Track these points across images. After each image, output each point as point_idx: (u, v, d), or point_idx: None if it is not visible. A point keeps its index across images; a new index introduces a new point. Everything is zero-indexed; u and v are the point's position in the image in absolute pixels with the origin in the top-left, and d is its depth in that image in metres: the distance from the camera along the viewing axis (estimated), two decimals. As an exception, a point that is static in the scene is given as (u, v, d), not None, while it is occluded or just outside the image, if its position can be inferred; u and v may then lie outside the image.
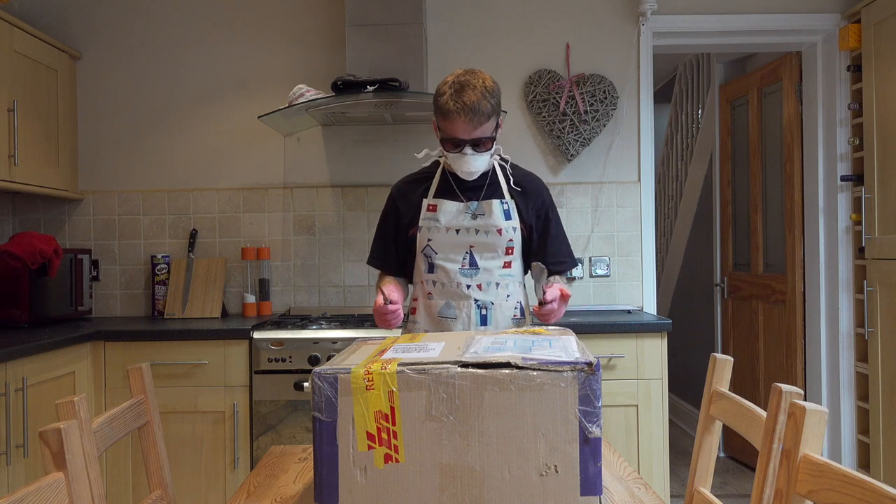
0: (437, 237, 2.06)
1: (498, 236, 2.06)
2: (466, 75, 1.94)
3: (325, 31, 3.53)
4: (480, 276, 2.06)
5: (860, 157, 3.37)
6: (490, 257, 2.07)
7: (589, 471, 1.10)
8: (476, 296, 2.06)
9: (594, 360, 1.11)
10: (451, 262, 2.06)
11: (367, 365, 1.14)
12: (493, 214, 2.06)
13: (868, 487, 0.93)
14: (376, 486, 1.12)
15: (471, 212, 2.06)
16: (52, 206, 3.52)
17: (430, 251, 2.08)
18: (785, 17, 3.49)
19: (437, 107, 1.95)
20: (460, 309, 2.06)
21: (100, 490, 1.28)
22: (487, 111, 1.92)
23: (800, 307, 3.74)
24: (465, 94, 1.90)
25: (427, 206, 2.09)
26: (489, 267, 2.07)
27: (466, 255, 2.06)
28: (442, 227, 2.06)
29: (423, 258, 2.10)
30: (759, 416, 1.39)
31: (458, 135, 1.95)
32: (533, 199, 2.14)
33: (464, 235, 2.06)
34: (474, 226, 2.05)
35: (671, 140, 5.64)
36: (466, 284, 2.05)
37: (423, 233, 2.08)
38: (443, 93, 1.93)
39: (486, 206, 2.06)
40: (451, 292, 2.06)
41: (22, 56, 3.04)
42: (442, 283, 2.07)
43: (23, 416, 2.46)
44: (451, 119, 1.92)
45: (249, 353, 2.88)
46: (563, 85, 3.45)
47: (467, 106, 1.89)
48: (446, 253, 2.06)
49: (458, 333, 1.51)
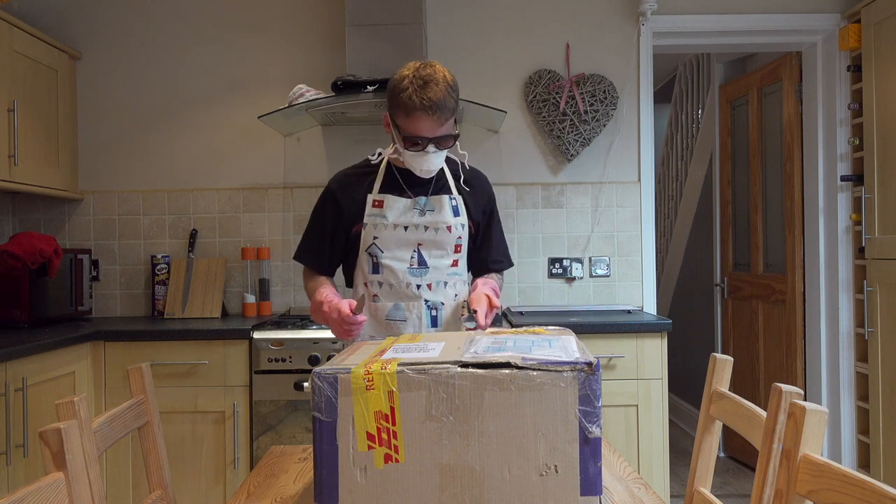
0: (383, 235, 1.94)
1: (447, 233, 1.97)
2: (426, 68, 1.83)
3: (325, 31, 3.53)
4: (430, 275, 1.97)
5: (860, 157, 3.37)
6: (439, 255, 1.98)
7: (589, 471, 1.10)
8: (426, 296, 1.96)
9: (594, 359, 1.11)
10: (398, 262, 1.95)
11: (366, 365, 1.14)
12: (443, 211, 1.97)
13: (868, 487, 0.93)
14: (376, 486, 1.12)
15: (419, 208, 1.96)
16: (52, 206, 3.52)
17: (375, 250, 1.96)
18: (785, 17, 3.49)
19: (399, 103, 1.82)
20: (410, 310, 1.96)
21: (100, 490, 1.28)
22: (451, 107, 1.83)
23: (800, 307, 3.74)
24: (429, 89, 1.79)
25: (372, 201, 1.97)
26: (438, 266, 1.98)
27: (415, 253, 1.96)
28: (389, 224, 1.94)
29: (367, 258, 1.98)
30: (759, 416, 1.39)
31: (421, 133, 1.83)
32: (480, 195, 2.07)
33: (412, 233, 1.95)
34: (423, 223, 1.95)
35: (671, 140, 5.64)
36: (416, 284, 1.95)
37: (369, 230, 1.96)
38: (403, 88, 1.80)
39: (435, 202, 1.97)
40: (399, 293, 1.96)
41: (22, 56, 3.04)
42: (389, 283, 1.96)
43: (23, 416, 2.46)
44: (414, 117, 1.81)
45: (249, 353, 2.88)
46: (563, 85, 3.45)
47: (434, 103, 1.78)
48: (393, 251, 1.95)
49: (458, 333, 1.50)
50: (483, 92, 3.48)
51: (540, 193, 3.52)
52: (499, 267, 2.13)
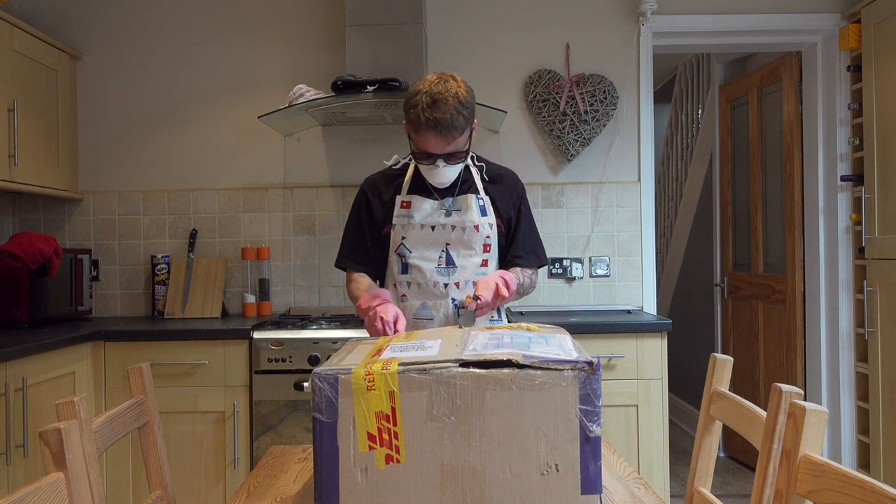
0: (411, 235, 1.98)
1: (475, 232, 1.99)
2: (439, 84, 1.83)
3: (325, 31, 3.53)
4: (458, 274, 1.98)
5: (860, 157, 3.37)
6: (467, 255, 1.99)
7: (589, 469, 1.10)
8: (454, 294, 1.98)
9: (594, 359, 1.11)
10: (426, 261, 1.98)
11: (367, 365, 1.14)
12: (470, 210, 1.99)
13: (868, 487, 0.93)
14: (377, 487, 1.11)
15: (446, 208, 1.99)
16: (52, 206, 3.52)
17: (404, 250, 1.99)
18: (785, 17, 3.49)
19: (409, 119, 1.86)
20: (437, 309, 1.98)
21: (100, 490, 1.28)
22: (461, 125, 1.84)
23: (800, 307, 3.74)
24: (438, 108, 1.80)
25: (400, 202, 2.00)
26: (467, 265, 1.99)
27: (443, 252, 1.98)
28: (417, 225, 1.98)
29: (396, 258, 2.01)
30: (759, 416, 1.39)
31: (429, 150, 1.87)
32: (509, 192, 2.09)
33: (439, 233, 1.98)
34: (450, 222, 1.98)
35: (671, 140, 5.64)
36: (444, 283, 1.97)
37: (397, 231, 1.99)
38: (415, 104, 1.83)
39: (461, 202, 1.99)
40: (427, 292, 1.98)
41: (22, 56, 3.04)
42: (417, 283, 1.98)
43: (23, 416, 2.46)
44: (422, 133, 1.84)
45: (249, 353, 2.88)
46: (563, 85, 3.45)
47: (440, 122, 1.80)
48: (421, 251, 1.98)
49: (453, 330, 1.50)
50: (483, 92, 3.47)
51: (540, 193, 3.52)
52: (521, 262, 2.11)
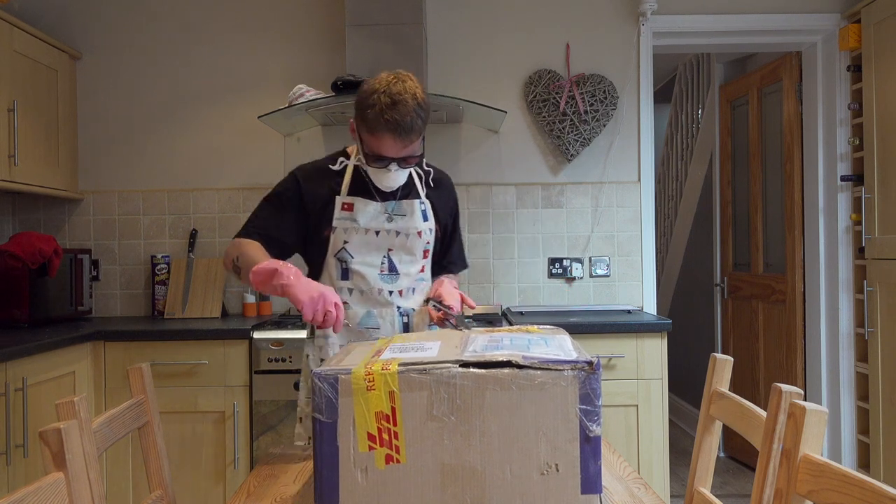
0: (354, 239, 1.86)
1: (417, 239, 1.91)
2: (397, 84, 1.72)
3: (325, 31, 3.53)
4: (401, 281, 1.91)
5: (860, 157, 3.37)
6: (409, 261, 1.92)
7: (589, 469, 1.10)
8: (398, 303, 1.91)
9: (594, 358, 1.11)
10: (369, 267, 1.88)
11: (367, 365, 1.14)
12: (414, 216, 1.91)
13: (868, 487, 0.93)
14: (377, 487, 1.11)
15: (389, 213, 1.89)
16: (52, 206, 3.52)
17: (345, 255, 1.87)
18: (785, 17, 3.49)
19: (364, 119, 1.74)
20: (383, 318, 1.89)
21: (100, 490, 1.28)
22: (419, 128, 1.74)
23: (800, 307, 3.74)
24: (397, 110, 1.69)
25: (341, 204, 1.87)
26: (408, 272, 1.92)
27: (385, 259, 1.89)
28: (361, 229, 1.86)
29: (335, 262, 1.88)
30: (759, 416, 1.40)
31: (384, 153, 1.76)
32: (446, 198, 2.03)
33: (383, 238, 1.88)
34: (395, 228, 1.88)
35: (671, 140, 5.64)
36: (388, 290, 1.89)
37: (339, 234, 1.86)
38: (371, 104, 1.71)
39: (406, 207, 1.91)
40: (371, 299, 1.88)
41: (22, 56, 3.04)
42: (360, 289, 1.88)
43: (23, 416, 2.46)
44: (378, 135, 1.73)
45: (249, 353, 2.88)
46: (563, 85, 3.45)
47: (400, 125, 1.70)
48: (363, 256, 1.87)
49: (453, 332, 1.50)
50: (483, 92, 3.48)
51: (540, 193, 3.52)
52: (454, 269, 2.10)
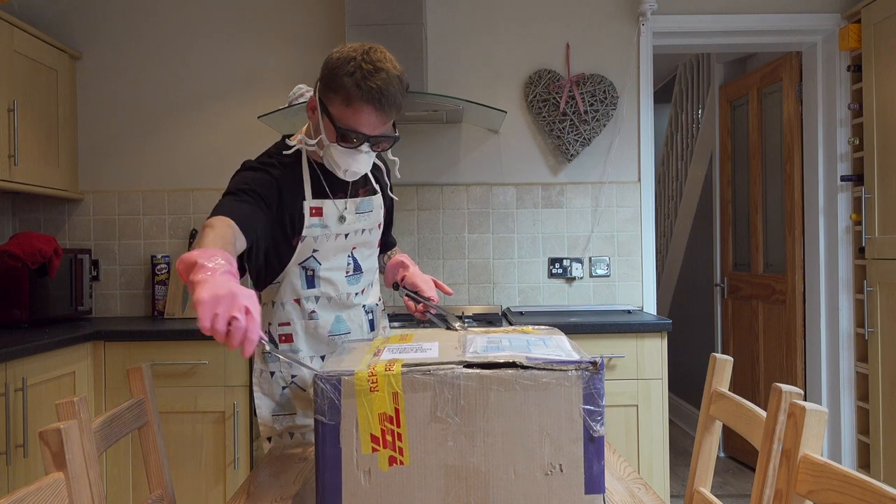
0: (324, 246, 1.69)
1: (377, 230, 1.80)
2: (376, 52, 1.51)
3: (325, 31, 3.53)
4: (364, 279, 1.79)
5: (860, 157, 3.37)
6: (368, 255, 1.80)
7: (593, 469, 1.10)
8: (363, 302, 1.80)
9: (598, 358, 1.11)
10: (337, 271, 1.73)
11: (370, 366, 1.14)
12: (374, 209, 1.77)
13: (868, 487, 0.93)
14: (380, 489, 1.11)
15: (361, 211, 1.74)
16: (52, 206, 3.52)
17: (313, 263, 1.69)
18: (785, 17, 3.49)
19: (338, 88, 1.50)
20: (351, 321, 1.77)
21: (100, 490, 1.28)
22: (399, 103, 1.54)
23: (800, 307, 3.74)
24: (380, 77, 1.48)
25: (310, 209, 1.65)
26: (369, 267, 1.81)
27: (350, 259, 1.74)
28: (332, 234, 1.69)
29: (299, 271, 1.70)
30: (759, 416, 1.40)
31: (360, 128, 1.53)
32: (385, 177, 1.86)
33: (351, 238, 1.73)
34: (362, 226, 1.74)
35: (671, 140, 5.64)
36: (355, 293, 1.76)
37: (307, 243, 1.67)
38: (349, 72, 1.48)
39: (375, 202, 1.78)
40: (339, 304, 1.75)
41: (22, 56, 3.03)
42: (328, 296, 1.73)
43: (23, 416, 2.46)
44: (355, 107, 1.50)
45: (250, 353, 2.88)
46: (563, 85, 3.45)
47: (383, 95, 1.48)
48: (330, 261, 1.71)
49: (449, 332, 1.49)
50: (483, 92, 3.48)
51: (540, 193, 3.52)
52: (392, 244, 2.02)
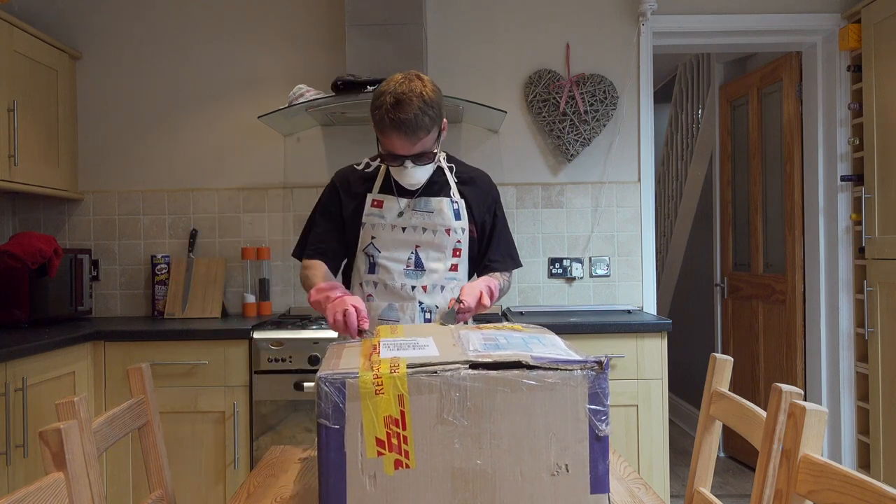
0: (381, 235, 1.94)
1: (446, 236, 1.95)
2: (404, 84, 1.79)
3: (325, 31, 3.53)
4: (426, 277, 1.94)
5: (860, 157, 3.37)
6: (437, 258, 1.95)
7: (598, 469, 1.10)
8: (421, 298, 1.94)
9: (604, 358, 1.11)
10: (394, 262, 1.94)
11: (374, 368, 1.12)
12: (443, 213, 1.95)
13: (868, 487, 0.93)
14: (386, 494, 1.09)
15: (419, 210, 1.94)
16: (52, 206, 3.52)
17: (372, 249, 1.95)
18: (785, 17, 3.49)
19: (374, 119, 1.83)
20: (404, 311, 1.94)
21: (100, 490, 1.28)
22: (426, 126, 1.80)
23: (800, 307, 3.74)
24: (402, 109, 1.76)
25: (372, 201, 1.96)
26: (436, 269, 1.95)
27: (412, 254, 1.94)
28: (387, 224, 1.94)
29: (363, 257, 1.97)
30: (759, 416, 1.40)
31: (395, 150, 1.84)
32: (483, 195, 2.05)
33: (410, 234, 1.94)
34: (422, 224, 1.94)
35: (671, 140, 5.64)
36: (411, 286, 1.93)
37: (367, 229, 1.95)
38: (379, 105, 1.79)
39: (435, 204, 1.95)
40: (394, 294, 1.94)
41: (22, 56, 3.03)
42: (385, 283, 1.94)
43: (23, 416, 2.45)
44: (387, 134, 1.81)
45: (249, 353, 2.88)
46: (563, 85, 3.44)
47: (404, 123, 1.77)
48: (390, 252, 1.94)
49: (436, 326, 1.48)
50: (483, 92, 3.48)
51: (540, 193, 3.52)
52: (498, 267, 2.08)
